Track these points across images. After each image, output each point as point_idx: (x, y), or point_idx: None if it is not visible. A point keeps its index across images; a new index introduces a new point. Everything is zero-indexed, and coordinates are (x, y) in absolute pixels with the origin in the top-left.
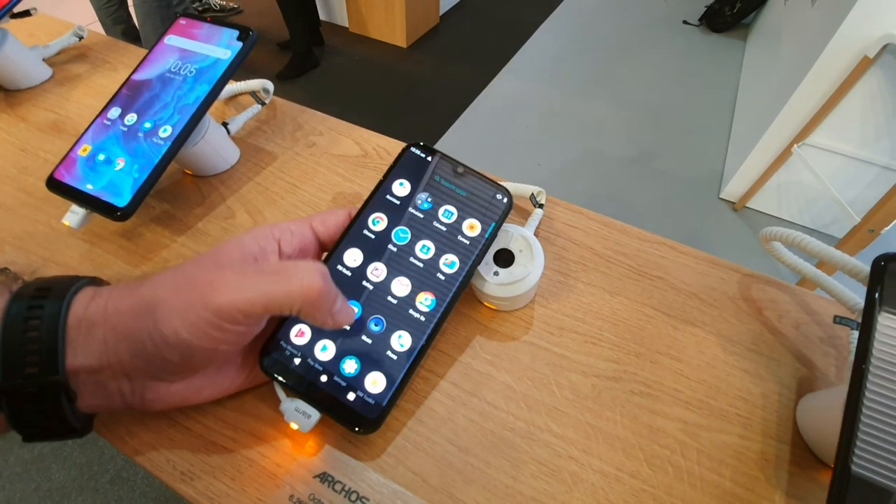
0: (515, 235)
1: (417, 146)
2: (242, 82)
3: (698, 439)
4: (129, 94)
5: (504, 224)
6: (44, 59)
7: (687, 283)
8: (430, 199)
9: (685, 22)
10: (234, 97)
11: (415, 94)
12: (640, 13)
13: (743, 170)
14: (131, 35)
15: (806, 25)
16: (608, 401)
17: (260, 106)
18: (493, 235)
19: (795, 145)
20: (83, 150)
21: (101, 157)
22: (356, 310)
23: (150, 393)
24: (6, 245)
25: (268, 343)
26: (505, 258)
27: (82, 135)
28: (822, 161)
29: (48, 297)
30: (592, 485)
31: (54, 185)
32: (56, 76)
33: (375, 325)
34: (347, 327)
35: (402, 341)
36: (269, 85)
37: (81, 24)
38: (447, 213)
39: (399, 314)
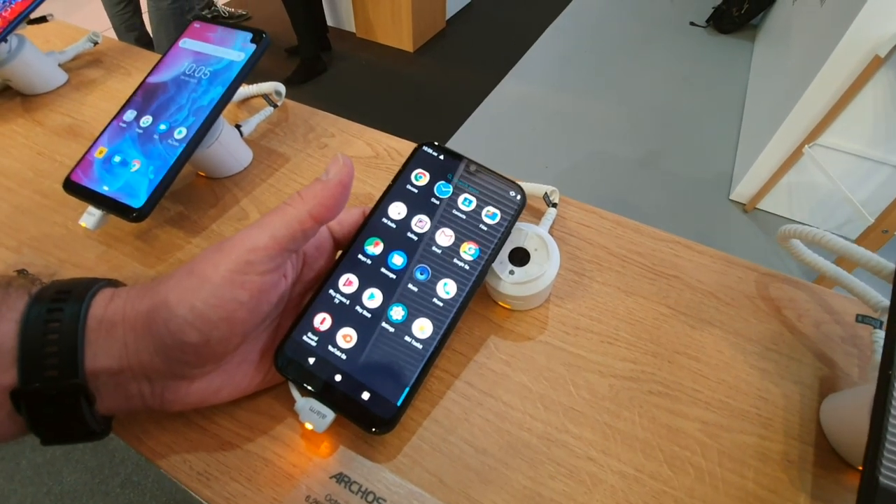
0: (530, 234)
1: (430, 145)
2: (255, 85)
3: (719, 440)
4: (145, 97)
5: (519, 223)
6: (60, 65)
7: (703, 283)
8: (446, 190)
9: (692, 23)
10: (246, 100)
11: (422, 98)
12: (646, 15)
13: (753, 171)
14: (144, 41)
15: (815, 25)
16: (626, 401)
17: (272, 108)
18: (507, 232)
19: (806, 146)
20: (99, 153)
21: (118, 159)
22: (347, 162)
23: (169, 394)
24: (24, 247)
25: (283, 342)
26: (520, 257)
27: (98, 137)
28: (833, 161)
29: (68, 300)
30: (612, 486)
31: (71, 187)
32: (72, 81)
33: (396, 313)
34: (368, 315)
35: (423, 329)
36: (282, 88)
37: (96, 30)
38: (466, 202)
39: (420, 301)
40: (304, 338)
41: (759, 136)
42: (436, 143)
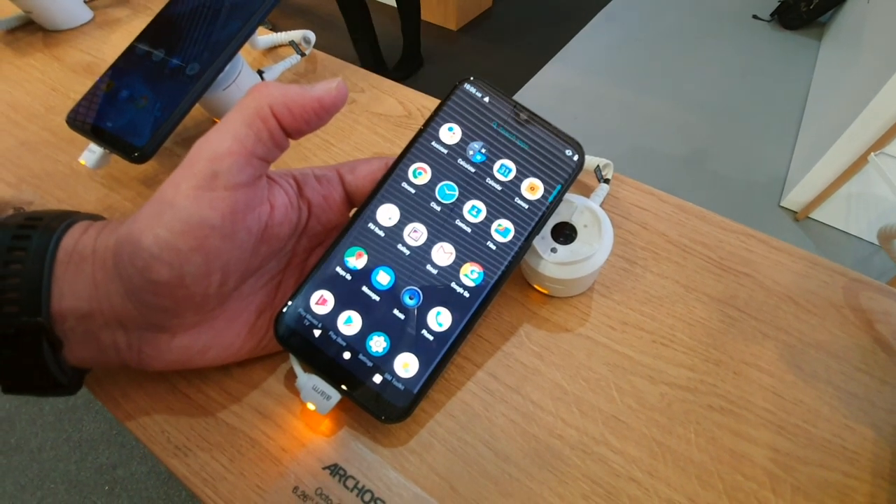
0: (580, 207)
1: (471, 82)
2: (283, 33)
3: (793, 473)
4: (159, 29)
5: (567, 194)
6: (85, 2)
7: (780, 284)
8: (484, 151)
9: (755, 16)
10: (273, 48)
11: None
12: (705, 5)
13: (809, 178)
14: None
15: (893, 25)
16: (680, 415)
17: (299, 57)
18: (558, 200)
19: (872, 153)
20: (107, 87)
21: (125, 94)
22: (336, 81)
23: (148, 348)
24: (24, 184)
25: (284, 308)
26: (565, 234)
27: (108, 70)
28: None
29: (37, 228)
30: None
31: (75, 121)
32: (97, 19)
33: (410, 297)
34: (382, 291)
35: (440, 319)
36: (311, 35)
37: None
38: (504, 169)
39: (439, 287)
40: (309, 306)
41: (819, 140)
42: (479, 80)
